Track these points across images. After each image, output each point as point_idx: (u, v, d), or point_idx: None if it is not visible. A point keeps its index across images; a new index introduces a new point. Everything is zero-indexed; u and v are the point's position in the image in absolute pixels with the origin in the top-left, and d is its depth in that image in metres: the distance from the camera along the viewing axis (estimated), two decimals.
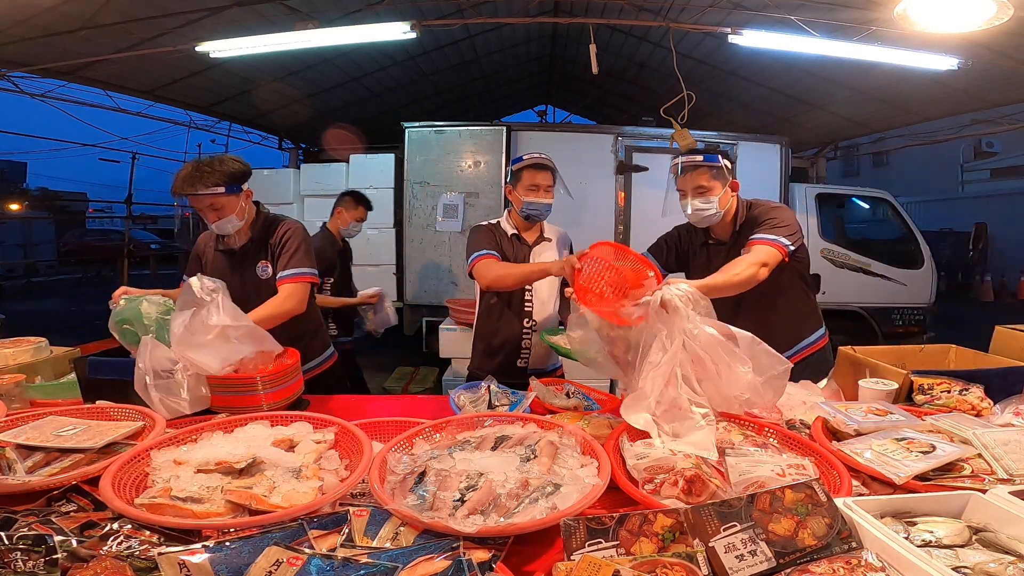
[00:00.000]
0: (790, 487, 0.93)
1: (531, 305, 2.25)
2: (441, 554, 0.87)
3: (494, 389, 1.78)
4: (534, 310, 2.25)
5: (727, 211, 1.99)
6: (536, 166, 2.19)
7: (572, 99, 10.21)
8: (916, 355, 1.98)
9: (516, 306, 2.25)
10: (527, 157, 2.22)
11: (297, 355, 1.76)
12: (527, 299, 2.24)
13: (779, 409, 1.57)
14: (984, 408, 1.50)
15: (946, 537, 0.91)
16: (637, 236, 5.06)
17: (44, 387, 1.78)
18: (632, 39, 6.05)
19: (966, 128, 6.56)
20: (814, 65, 4.94)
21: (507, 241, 2.25)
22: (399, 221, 5.30)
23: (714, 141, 5.02)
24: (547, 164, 2.21)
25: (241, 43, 3.62)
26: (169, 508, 0.96)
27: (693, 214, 1.97)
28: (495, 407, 1.69)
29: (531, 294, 2.24)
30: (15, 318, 7.62)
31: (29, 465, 1.15)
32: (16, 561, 0.82)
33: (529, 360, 2.27)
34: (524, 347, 2.25)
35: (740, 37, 3.57)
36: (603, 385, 4.43)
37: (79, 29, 3.85)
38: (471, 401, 1.72)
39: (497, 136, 4.94)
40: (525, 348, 2.26)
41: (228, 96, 6.01)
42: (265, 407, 1.53)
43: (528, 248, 2.26)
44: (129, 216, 9.18)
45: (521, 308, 2.24)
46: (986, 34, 3.14)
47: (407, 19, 3.50)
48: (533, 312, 2.25)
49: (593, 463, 1.17)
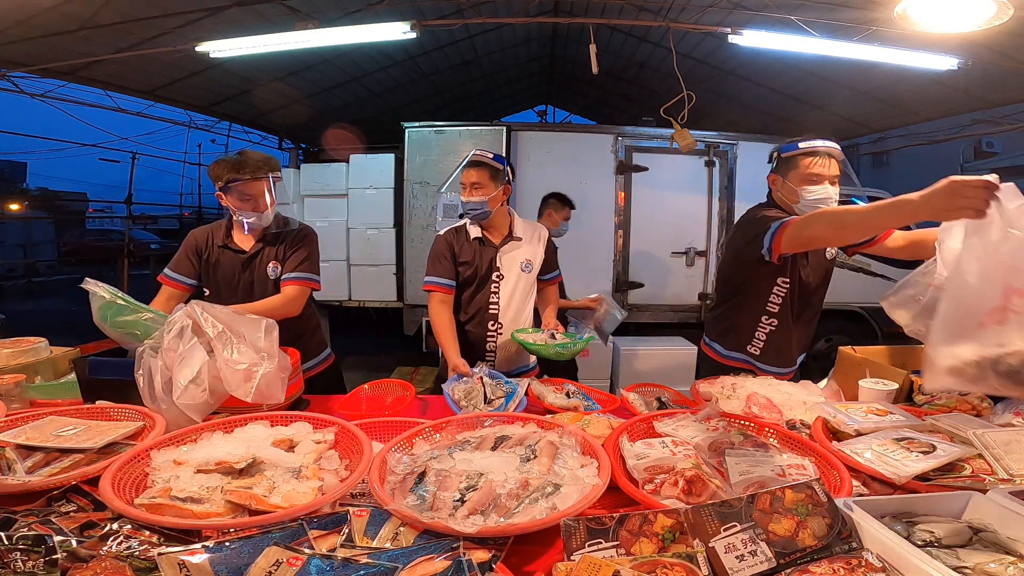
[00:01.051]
0: (790, 487, 0.93)
1: (496, 307, 2.23)
2: (441, 554, 0.87)
3: (487, 380, 1.79)
4: (500, 312, 2.23)
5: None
6: (469, 164, 2.17)
7: (572, 99, 10.21)
8: (916, 355, 1.98)
9: (482, 309, 2.23)
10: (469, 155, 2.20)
11: (297, 355, 1.77)
12: (492, 301, 2.23)
13: (779, 409, 1.57)
14: (984, 408, 1.50)
15: (946, 537, 0.91)
16: (637, 236, 5.07)
17: (44, 387, 1.78)
18: (632, 39, 6.05)
19: (966, 128, 6.56)
20: (814, 65, 4.94)
21: (468, 246, 2.22)
22: (399, 221, 5.30)
23: (714, 141, 5.02)
24: (479, 160, 2.16)
25: (241, 43, 3.61)
26: (169, 508, 0.96)
27: (826, 200, 1.86)
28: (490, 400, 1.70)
29: (496, 296, 2.23)
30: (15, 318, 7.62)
31: (29, 465, 1.15)
32: (16, 561, 0.81)
33: (495, 362, 2.25)
34: (489, 349, 2.24)
35: (740, 37, 3.57)
36: (603, 385, 4.44)
37: (79, 29, 3.85)
38: (465, 393, 1.73)
39: (497, 136, 4.94)
40: (490, 351, 2.25)
41: (228, 96, 6.01)
42: (265, 407, 1.53)
43: (494, 249, 2.22)
44: (129, 216, 9.16)
45: (487, 311, 2.23)
46: (986, 34, 3.14)
47: (407, 19, 3.50)
48: (499, 315, 2.23)
49: (593, 463, 1.17)
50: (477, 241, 2.23)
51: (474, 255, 2.22)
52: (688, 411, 1.48)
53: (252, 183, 1.95)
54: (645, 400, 1.75)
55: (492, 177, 2.15)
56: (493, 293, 2.22)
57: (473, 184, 2.15)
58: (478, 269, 2.22)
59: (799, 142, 1.89)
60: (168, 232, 19.55)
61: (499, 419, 1.42)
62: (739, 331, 2.10)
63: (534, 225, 2.35)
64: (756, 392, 1.65)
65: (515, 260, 2.25)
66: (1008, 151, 13.38)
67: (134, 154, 9.06)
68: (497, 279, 2.23)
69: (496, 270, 2.22)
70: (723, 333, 2.16)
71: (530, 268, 2.27)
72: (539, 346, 2.07)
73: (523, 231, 2.29)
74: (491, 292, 2.22)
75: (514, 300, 2.24)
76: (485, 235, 2.24)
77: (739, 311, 2.10)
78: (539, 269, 2.31)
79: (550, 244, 2.37)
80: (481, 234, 2.23)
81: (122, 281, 7.95)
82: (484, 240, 2.24)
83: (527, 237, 2.29)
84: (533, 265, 2.28)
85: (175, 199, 15.92)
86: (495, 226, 2.26)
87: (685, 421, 1.40)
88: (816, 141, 1.87)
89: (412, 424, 1.44)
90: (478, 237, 2.23)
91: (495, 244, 2.24)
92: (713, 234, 5.11)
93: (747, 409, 1.56)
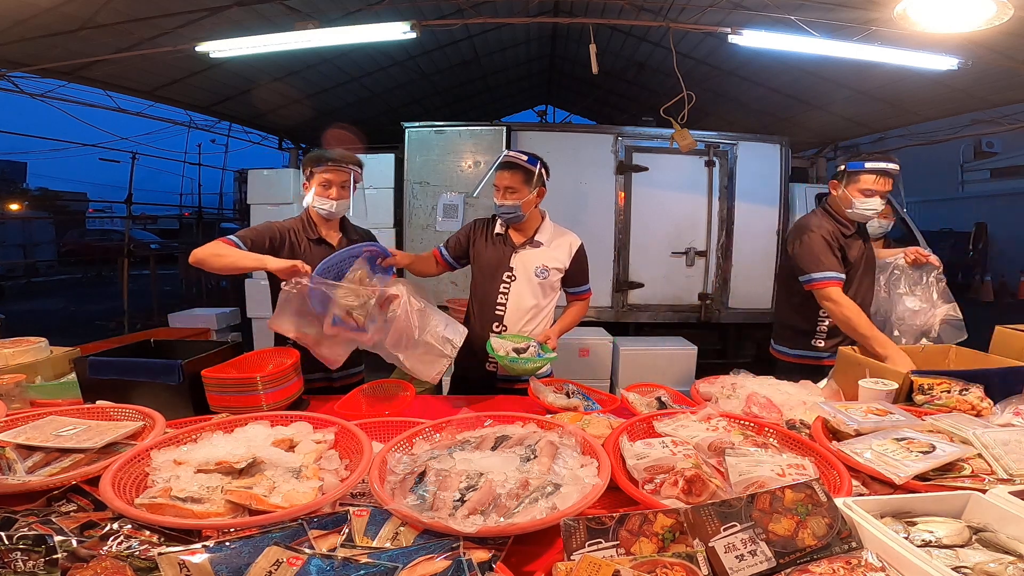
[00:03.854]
0: (790, 487, 0.93)
1: (503, 308, 2.19)
2: (441, 554, 0.87)
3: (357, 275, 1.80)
4: (505, 314, 2.19)
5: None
6: (501, 165, 2.14)
7: (572, 99, 10.20)
8: (916, 355, 1.98)
9: (488, 310, 2.21)
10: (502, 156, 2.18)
11: (297, 355, 1.77)
12: (499, 301, 2.19)
13: (779, 409, 1.57)
14: (984, 408, 1.50)
15: (946, 537, 0.91)
16: (637, 236, 5.06)
17: (44, 387, 1.78)
18: (632, 39, 6.05)
19: (966, 128, 6.55)
20: (814, 65, 4.93)
21: (490, 239, 2.23)
22: (399, 221, 5.29)
23: (714, 141, 5.02)
24: (511, 161, 2.11)
25: (241, 43, 3.61)
26: (169, 508, 0.96)
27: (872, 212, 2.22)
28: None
29: (504, 298, 2.19)
30: (15, 318, 7.63)
31: (29, 465, 1.15)
32: (16, 561, 0.82)
33: (498, 365, 2.18)
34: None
35: (740, 37, 3.57)
36: (603, 385, 4.44)
37: (79, 29, 3.84)
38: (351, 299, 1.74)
39: (497, 136, 4.94)
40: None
41: (228, 96, 6.01)
42: (265, 407, 1.53)
43: (512, 250, 2.20)
44: (129, 216, 9.14)
45: (492, 312, 2.20)
46: (986, 34, 3.14)
47: (407, 19, 3.49)
48: (504, 316, 2.19)
49: (593, 463, 1.17)
50: (499, 237, 2.23)
51: (490, 248, 2.22)
52: (688, 411, 1.48)
53: (335, 171, 2.06)
54: (645, 400, 1.75)
55: (525, 180, 2.10)
56: (501, 293, 2.19)
57: (507, 188, 2.10)
58: (490, 263, 2.20)
59: (866, 161, 2.20)
60: (168, 232, 19.53)
61: (499, 419, 1.42)
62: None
63: (565, 233, 2.27)
64: (756, 392, 1.66)
65: (530, 264, 2.18)
66: (1008, 151, 13.39)
67: (134, 154, 9.05)
68: (508, 279, 2.19)
69: (508, 270, 2.19)
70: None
71: (546, 275, 2.19)
72: (498, 355, 1.95)
73: (549, 237, 2.23)
74: (499, 292, 2.19)
75: (523, 305, 2.19)
76: (509, 233, 2.23)
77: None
78: (560, 278, 2.24)
79: (580, 254, 2.26)
80: (504, 231, 2.23)
81: (122, 281, 7.94)
82: (506, 238, 2.22)
83: (552, 243, 2.22)
84: (550, 272, 2.20)
85: (175, 199, 15.89)
86: (520, 227, 2.23)
87: (685, 421, 1.40)
88: (880, 163, 2.17)
89: (412, 424, 1.44)
90: (500, 233, 2.23)
91: (515, 244, 2.21)
92: (713, 234, 5.10)
93: (747, 409, 1.56)
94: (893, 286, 2.36)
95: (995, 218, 13.22)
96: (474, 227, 2.30)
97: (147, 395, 1.54)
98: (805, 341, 2.35)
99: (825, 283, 2.15)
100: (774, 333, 2.53)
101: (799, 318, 2.36)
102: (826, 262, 2.17)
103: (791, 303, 2.39)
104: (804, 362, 2.34)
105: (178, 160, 11.84)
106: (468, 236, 2.29)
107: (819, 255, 2.18)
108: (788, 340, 2.42)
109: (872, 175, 2.17)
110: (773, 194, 5.15)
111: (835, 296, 2.12)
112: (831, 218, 2.28)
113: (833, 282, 2.15)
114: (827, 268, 2.16)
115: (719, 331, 5.39)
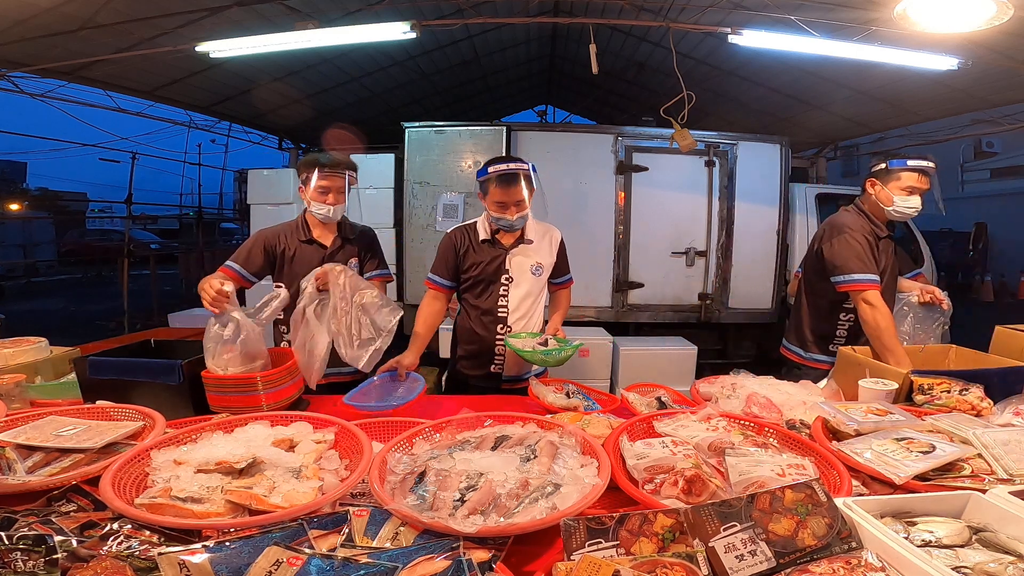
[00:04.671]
0: (790, 487, 0.93)
1: (505, 311, 2.19)
2: (441, 554, 0.87)
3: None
4: (509, 316, 2.19)
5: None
6: (502, 179, 2.02)
7: (572, 99, 10.21)
8: (916, 355, 1.98)
9: (490, 312, 2.19)
10: (492, 169, 2.05)
11: (295, 355, 1.77)
12: (501, 305, 2.19)
13: (779, 409, 1.57)
14: (984, 408, 1.50)
15: (946, 537, 0.91)
16: (637, 236, 5.06)
17: (44, 387, 1.78)
18: (632, 39, 6.05)
19: (966, 128, 6.55)
20: (814, 65, 4.94)
21: (476, 247, 2.18)
22: (399, 221, 5.29)
23: (714, 141, 5.02)
24: (515, 174, 2.03)
25: (241, 43, 3.61)
26: (169, 508, 0.96)
27: (913, 210, 2.16)
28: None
29: (505, 300, 2.18)
30: (15, 318, 7.62)
31: (29, 465, 1.15)
32: (16, 561, 0.82)
33: (504, 366, 2.22)
34: (498, 353, 2.20)
35: (740, 37, 3.57)
36: (603, 385, 4.44)
37: (79, 29, 3.85)
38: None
39: (497, 136, 4.94)
40: (499, 354, 2.20)
41: (228, 96, 6.01)
42: (265, 407, 1.53)
43: (504, 251, 2.17)
44: (129, 216, 9.14)
45: (495, 314, 2.19)
46: (986, 34, 3.14)
47: (407, 19, 3.49)
48: (508, 318, 2.19)
49: (593, 463, 1.17)
50: (486, 243, 2.17)
51: (481, 257, 2.17)
52: (688, 411, 1.48)
53: (331, 176, 2.10)
54: (645, 400, 1.75)
55: (528, 188, 2.08)
56: (502, 296, 2.17)
57: (518, 203, 2.05)
58: (485, 271, 2.17)
59: (907, 160, 2.15)
60: (168, 232, 19.52)
61: (499, 419, 1.42)
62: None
63: (546, 227, 2.27)
64: (756, 392, 1.65)
65: (525, 263, 2.18)
66: (1008, 151, 13.39)
67: (134, 154, 9.04)
68: (506, 282, 2.18)
69: (505, 273, 2.17)
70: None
71: (540, 272, 2.20)
72: (526, 352, 1.99)
73: (535, 234, 2.22)
74: (500, 296, 2.17)
75: (524, 304, 2.19)
76: (496, 236, 2.18)
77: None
78: (550, 272, 2.26)
79: (562, 247, 2.29)
80: (491, 236, 2.17)
81: (122, 281, 7.94)
82: (494, 242, 2.18)
83: (539, 240, 2.22)
84: (543, 269, 2.22)
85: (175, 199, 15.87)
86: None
87: (685, 421, 1.40)
88: (920, 161, 2.14)
89: (412, 424, 1.44)
90: (487, 239, 2.17)
91: (505, 246, 2.18)
92: (713, 234, 5.10)
93: (747, 409, 1.56)
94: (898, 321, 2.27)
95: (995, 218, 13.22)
96: (454, 241, 2.20)
97: (147, 395, 1.54)
98: (823, 345, 2.30)
99: (866, 285, 2.07)
100: (787, 333, 2.47)
101: (819, 321, 2.31)
102: (868, 263, 2.10)
103: (814, 305, 2.33)
104: (818, 366, 2.30)
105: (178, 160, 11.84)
106: (454, 253, 2.19)
107: (862, 255, 2.11)
108: (803, 342, 2.37)
109: (915, 173, 2.11)
110: (773, 194, 5.15)
111: (873, 300, 2.04)
112: (866, 218, 2.22)
113: (874, 285, 2.07)
114: (869, 270, 2.09)
115: (719, 331, 5.39)
